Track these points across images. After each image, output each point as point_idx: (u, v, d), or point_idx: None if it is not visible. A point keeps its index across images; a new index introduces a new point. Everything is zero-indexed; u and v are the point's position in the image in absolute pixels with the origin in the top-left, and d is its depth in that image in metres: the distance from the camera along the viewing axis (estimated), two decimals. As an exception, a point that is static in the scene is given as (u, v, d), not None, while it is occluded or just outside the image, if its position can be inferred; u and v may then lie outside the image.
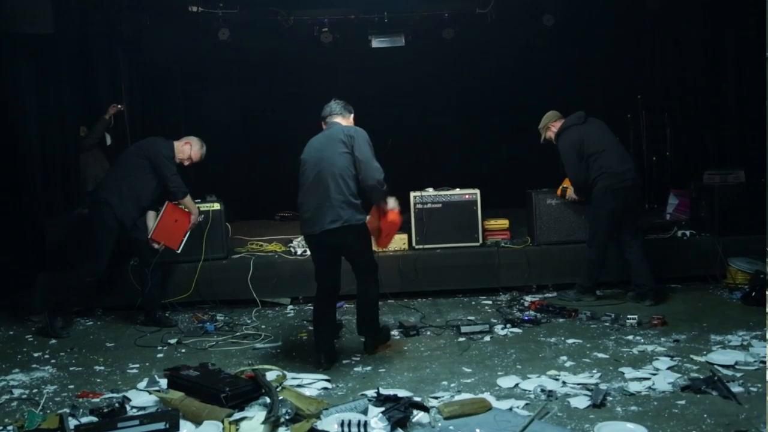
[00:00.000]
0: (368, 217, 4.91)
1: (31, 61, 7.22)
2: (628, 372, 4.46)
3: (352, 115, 5.16)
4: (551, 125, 6.43)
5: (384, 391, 4.11)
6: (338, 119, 5.06)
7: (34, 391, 4.60)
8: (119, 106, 7.92)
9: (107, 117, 7.78)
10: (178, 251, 6.30)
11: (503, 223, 7.16)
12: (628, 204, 6.14)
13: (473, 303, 6.54)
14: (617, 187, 6.06)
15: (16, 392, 4.57)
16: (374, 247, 5.24)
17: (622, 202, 6.08)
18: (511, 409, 3.96)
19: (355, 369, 4.80)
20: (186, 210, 6.25)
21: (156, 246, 6.12)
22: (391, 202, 4.96)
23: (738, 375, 4.33)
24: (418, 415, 3.85)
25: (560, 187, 6.79)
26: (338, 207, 4.73)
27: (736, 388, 4.06)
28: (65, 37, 7.41)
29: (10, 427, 3.91)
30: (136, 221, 6.06)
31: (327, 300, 5.05)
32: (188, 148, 6.21)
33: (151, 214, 6.19)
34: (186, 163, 6.23)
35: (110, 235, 5.96)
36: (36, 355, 5.42)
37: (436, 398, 4.15)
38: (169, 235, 6.18)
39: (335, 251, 4.94)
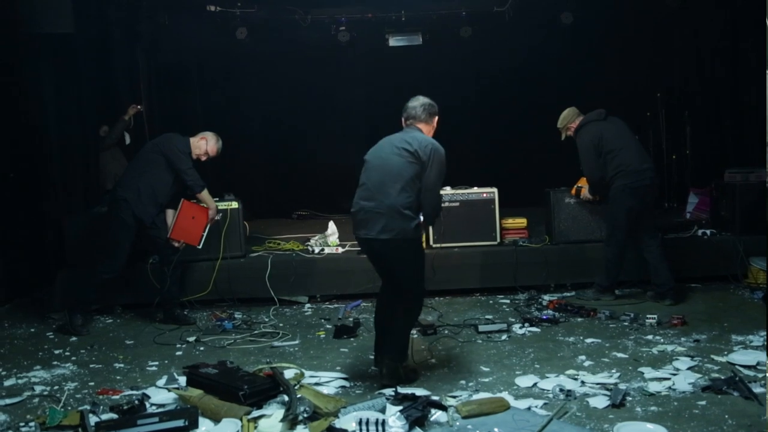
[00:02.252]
0: None
1: (51, 60, 7.29)
2: (648, 372, 4.43)
3: (436, 118, 4.63)
4: (570, 124, 6.39)
5: (402, 390, 4.11)
6: (420, 125, 4.56)
7: (56, 388, 4.64)
8: (139, 107, 7.97)
9: (127, 117, 7.84)
10: (199, 247, 6.33)
11: (521, 222, 7.13)
12: (646, 203, 6.10)
13: (491, 302, 6.52)
14: (636, 185, 6.01)
15: (38, 389, 4.61)
16: None
17: (640, 200, 6.04)
18: (529, 408, 3.94)
19: (373, 368, 4.79)
20: (203, 206, 6.28)
21: (176, 245, 6.15)
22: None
23: (760, 375, 4.28)
24: (436, 414, 3.84)
25: (575, 186, 6.75)
26: (392, 216, 4.31)
27: (757, 389, 4.02)
28: (85, 37, 7.47)
29: (32, 424, 3.95)
30: (155, 219, 6.09)
31: (388, 301, 4.61)
32: (204, 144, 6.22)
33: (170, 213, 6.23)
34: (203, 158, 6.24)
35: (128, 233, 6.00)
36: (57, 352, 5.47)
37: (454, 397, 4.14)
38: (188, 233, 6.21)
39: (384, 261, 4.50)
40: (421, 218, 4.49)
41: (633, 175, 6.01)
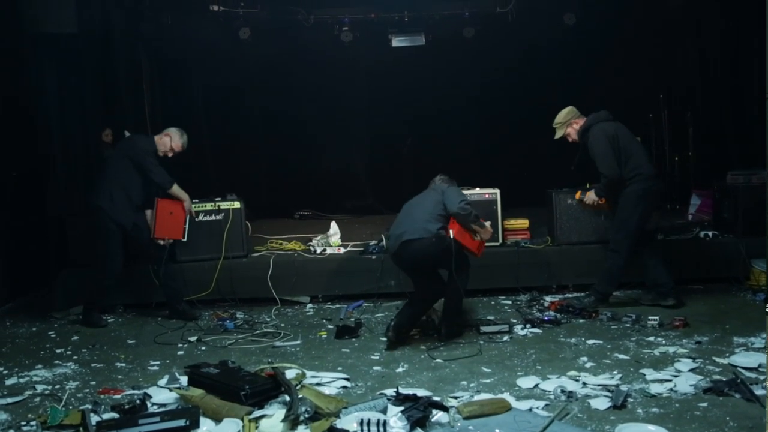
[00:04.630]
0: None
1: (54, 60, 7.31)
2: (650, 373, 4.42)
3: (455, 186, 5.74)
4: (575, 122, 6.17)
5: (403, 391, 4.10)
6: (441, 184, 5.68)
7: (57, 387, 4.65)
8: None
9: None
10: (184, 239, 6.44)
11: (523, 222, 7.12)
12: (655, 207, 6.08)
13: (493, 303, 6.51)
14: (654, 190, 5.96)
15: (39, 388, 4.63)
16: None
17: (652, 205, 6.02)
18: (530, 409, 3.94)
19: (375, 368, 4.80)
20: (177, 200, 6.36)
21: (161, 242, 6.24)
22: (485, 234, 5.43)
23: (761, 378, 4.28)
24: (438, 415, 3.85)
25: (578, 191, 6.51)
26: (416, 228, 5.24)
27: (759, 391, 4.01)
28: (88, 37, 7.49)
29: (33, 423, 3.96)
30: (136, 221, 6.16)
31: (419, 297, 5.51)
32: (168, 140, 6.32)
33: (148, 213, 6.30)
34: (169, 154, 6.34)
35: (114, 238, 6.10)
36: (58, 351, 5.48)
37: (456, 398, 4.14)
38: (170, 229, 6.34)
39: (416, 262, 5.30)
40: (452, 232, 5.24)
41: (651, 180, 5.93)
